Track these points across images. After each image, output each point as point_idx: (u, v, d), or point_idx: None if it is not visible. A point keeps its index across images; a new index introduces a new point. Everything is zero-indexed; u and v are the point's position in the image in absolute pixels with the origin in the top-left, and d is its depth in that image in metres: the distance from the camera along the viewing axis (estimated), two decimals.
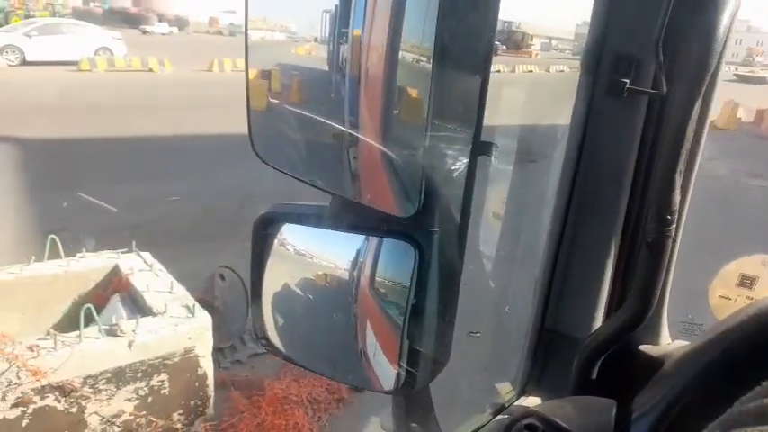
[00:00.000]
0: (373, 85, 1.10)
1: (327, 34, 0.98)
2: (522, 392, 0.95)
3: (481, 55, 0.76)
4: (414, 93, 0.85)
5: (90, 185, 7.52)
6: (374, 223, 0.81)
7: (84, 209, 6.85)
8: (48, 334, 3.21)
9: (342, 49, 1.13)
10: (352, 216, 0.83)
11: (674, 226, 0.75)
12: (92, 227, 6.00)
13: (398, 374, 0.83)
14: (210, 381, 3.62)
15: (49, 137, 10.32)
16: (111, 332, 3.30)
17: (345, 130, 1.17)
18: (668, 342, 0.94)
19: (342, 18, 1.20)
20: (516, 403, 0.90)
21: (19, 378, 2.94)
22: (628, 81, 0.78)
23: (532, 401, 0.92)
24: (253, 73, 0.88)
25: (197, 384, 3.56)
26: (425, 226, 0.77)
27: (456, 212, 0.80)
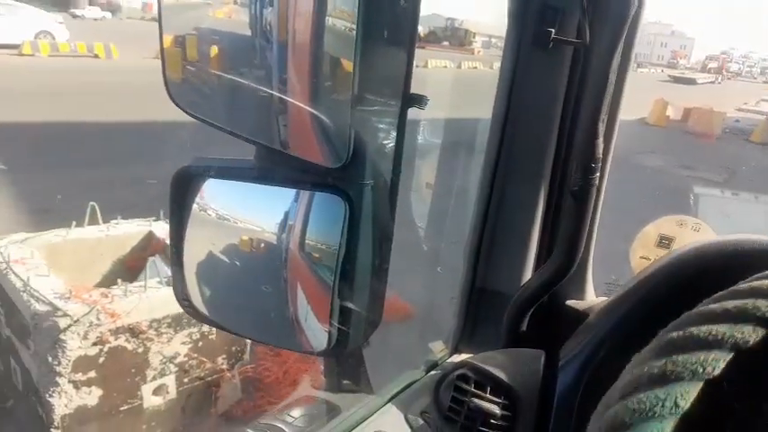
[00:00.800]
0: (301, 43, 1.06)
1: None
2: (456, 350, 0.96)
3: (409, 13, 0.75)
4: (341, 52, 0.83)
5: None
6: (302, 176, 0.78)
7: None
8: (119, 283, 3.71)
9: (265, 12, 1.09)
10: (278, 168, 0.79)
11: (598, 174, 0.76)
12: None
13: (330, 335, 0.81)
14: None
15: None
16: (169, 283, 3.37)
17: (273, 90, 1.13)
18: (593, 299, 0.97)
19: None
20: (449, 360, 0.90)
21: (98, 320, 3.35)
22: (553, 31, 0.78)
23: (465, 358, 0.93)
24: (168, 40, 0.83)
25: None
26: (356, 178, 0.75)
27: (387, 165, 0.78)
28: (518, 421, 0.70)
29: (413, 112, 0.76)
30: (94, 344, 3.42)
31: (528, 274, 0.92)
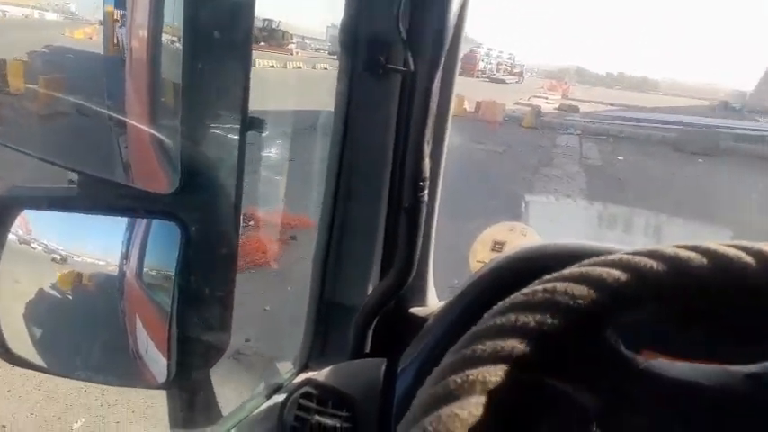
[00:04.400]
0: (139, 63, 1.02)
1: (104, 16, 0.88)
2: (306, 367, 0.97)
3: (241, 34, 0.75)
4: (175, 73, 0.81)
5: None
6: (136, 203, 0.74)
7: None
8: None
9: (118, 32, 1.02)
10: (106, 196, 0.74)
11: (427, 191, 0.82)
12: None
13: (170, 366, 0.78)
14: None
15: None
16: None
17: (113, 114, 1.07)
18: (435, 304, 1.04)
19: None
20: (297, 379, 0.90)
21: None
22: (383, 59, 0.83)
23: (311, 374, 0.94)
24: None
25: None
26: (191, 204, 0.73)
27: (227, 190, 0.77)
28: (358, 431, 0.73)
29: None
30: None
31: (373, 286, 0.96)
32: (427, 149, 0.80)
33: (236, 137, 0.76)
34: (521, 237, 1.28)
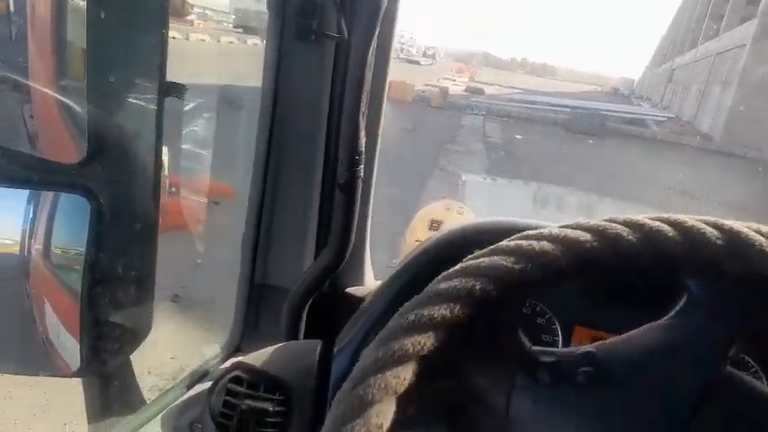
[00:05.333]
0: (43, 26, 0.93)
1: None
2: (237, 350, 0.92)
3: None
4: (81, 34, 0.73)
5: None
6: (37, 175, 0.67)
7: None
8: None
9: None
10: (5, 167, 0.66)
11: (362, 166, 0.79)
12: None
13: (83, 353, 0.71)
14: None
15: None
16: None
17: (18, 80, 0.97)
18: (372, 283, 1.01)
19: None
20: (226, 364, 0.86)
21: None
22: (315, 24, 0.79)
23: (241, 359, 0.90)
24: None
25: None
26: (101, 175, 0.67)
27: (143, 159, 0.71)
28: (293, 415, 0.70)
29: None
30: None
31: (307, 267, 0.92)
32: (362, 122, 0.76)
33: (154, 105, 0.70)
34: (457, 215, 1.27)
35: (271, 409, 0.69)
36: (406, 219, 1.35)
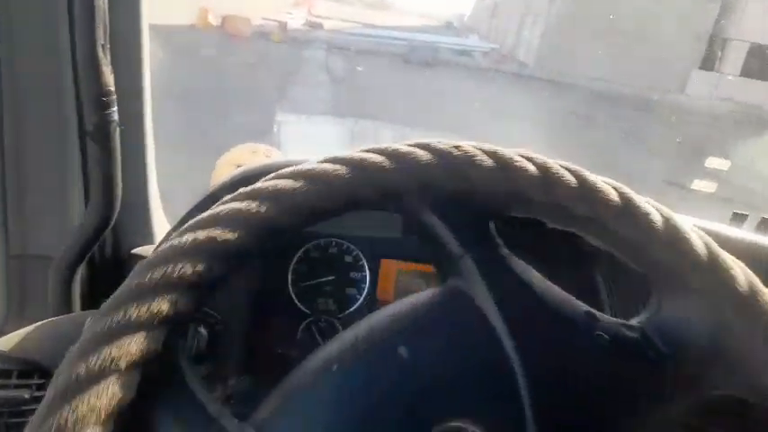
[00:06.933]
0: None
1: None
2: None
3: None
4: None
5: None
6: None
7: None
8: None
9: None
10: None
11: (115, 108, 0.69)
12: None
13: None
14: None
15: None
16: None
17: None
18: None
19: None
20: None
21: None
22: None
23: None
24: None
25: None
26: None
27: None
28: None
29: None
30: None
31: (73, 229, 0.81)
32: (104, 55, 0.65)
33: None
34: (264, 159, 1.21)
35: (27, 396, 0.60)
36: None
